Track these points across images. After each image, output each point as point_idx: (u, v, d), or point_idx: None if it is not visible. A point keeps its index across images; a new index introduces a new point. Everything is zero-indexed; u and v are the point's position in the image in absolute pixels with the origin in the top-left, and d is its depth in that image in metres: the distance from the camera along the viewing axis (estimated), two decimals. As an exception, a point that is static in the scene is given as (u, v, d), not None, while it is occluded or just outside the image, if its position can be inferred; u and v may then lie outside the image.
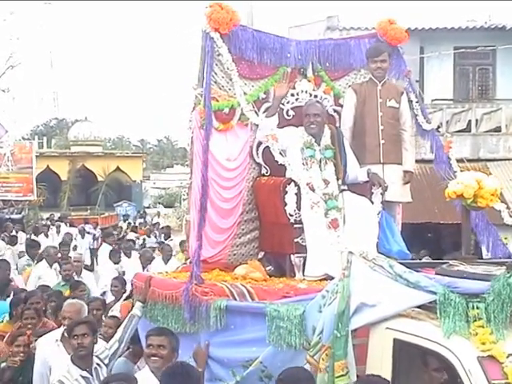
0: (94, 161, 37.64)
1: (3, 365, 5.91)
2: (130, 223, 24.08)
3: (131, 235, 20.34)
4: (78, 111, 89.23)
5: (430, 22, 18.42)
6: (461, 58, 18.85)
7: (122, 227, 24.00)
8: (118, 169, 38.41)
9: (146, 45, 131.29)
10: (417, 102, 6.40)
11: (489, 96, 19.35)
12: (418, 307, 4.03)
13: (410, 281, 3.97)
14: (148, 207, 42.14)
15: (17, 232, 18.65)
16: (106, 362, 5.17)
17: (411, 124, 6.35)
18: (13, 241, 15.30)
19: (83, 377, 4.92)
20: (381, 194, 5.87)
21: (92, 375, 4.97)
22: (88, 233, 20.39)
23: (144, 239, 19.71)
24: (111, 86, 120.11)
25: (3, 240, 16.05)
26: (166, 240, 17.96)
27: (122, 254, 11.97)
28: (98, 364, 5.07)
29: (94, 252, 17.03)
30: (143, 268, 11.26)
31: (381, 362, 4.04)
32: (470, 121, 17.15)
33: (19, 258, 13.15)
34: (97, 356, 5.12)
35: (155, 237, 20.41)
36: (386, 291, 4.05)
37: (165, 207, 42.10)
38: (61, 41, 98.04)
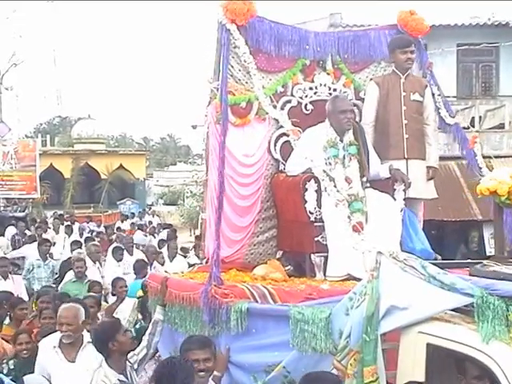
0: (98, 159, 37.45)
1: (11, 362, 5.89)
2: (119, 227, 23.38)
3: (138, 233, 20.14)
4: (81, 109, 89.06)
5: (433, 18, 18.20)
6: (464, 55, 18.73)
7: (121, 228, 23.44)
8: (121, 167, 38.26)
9: (149, 42, 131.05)
10: (439, 95, 6.19)
11: (492, 93, 19.23)
12: (452, 310, 3.82)
13: (444, 283, 3.74)
14: (151, 205, 42.01)
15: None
16: (136, 367, 5.06)
17: (434, 118, 6.14)
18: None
19: (121, 381, 4.79)
20: (403, 190, 5.66)
21: (128, 378, 4.86)
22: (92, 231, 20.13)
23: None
24: (114, 83, 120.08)
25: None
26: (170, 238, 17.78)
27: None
28: (130, 367, 4.97)
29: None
30: (150, 265, 11.12)
31: (413, 368, 3.82)
32: (473, 118, 16.99)
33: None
34: (128, 360, 5.02)
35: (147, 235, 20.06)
36: (418, 293, 3.84)
37: (167, 205, 41.94)
38: (64, 38, 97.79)
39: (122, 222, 26.19)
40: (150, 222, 26.85)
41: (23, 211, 25.74)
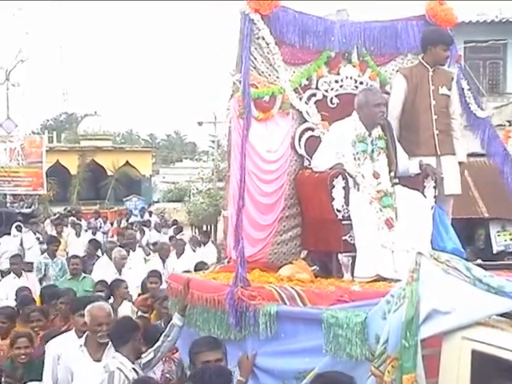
0: (104, 155, 37.32)
1: None
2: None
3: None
4: (88, 105, 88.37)
5: (440, 15, 18.03)
6: (471, 52, 18.53)
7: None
8: (127, 163, 38.11)
9: (155, 39, 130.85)
10: (469, 90, 5.95)
11: (499, 90, 19.04)
12: (498, 315, 3.60)
13: (491, 286, 3.52)
14: (157, 201, 41.87)
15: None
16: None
17: (461, 112, 5.90)
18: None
19: (134, 369, 4.72)
20: (434, 187, 5.44)
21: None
22: (99, 231, 19.80)
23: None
24: (121, 80, 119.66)
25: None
26: (177, 234, 17.57)
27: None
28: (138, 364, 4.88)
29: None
30: (163, 262, 10.95)
31: (457, 376, 3.59)
32: (480, 115, 16.81)
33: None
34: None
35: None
36: (462, 297, 3.61)
37: (173, 201, 41.76)
38: (70, 35, 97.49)
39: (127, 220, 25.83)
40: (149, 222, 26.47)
41: (30, 207, 25.70)
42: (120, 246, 11.73)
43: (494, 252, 12.26)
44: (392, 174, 5.39)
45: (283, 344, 4.31)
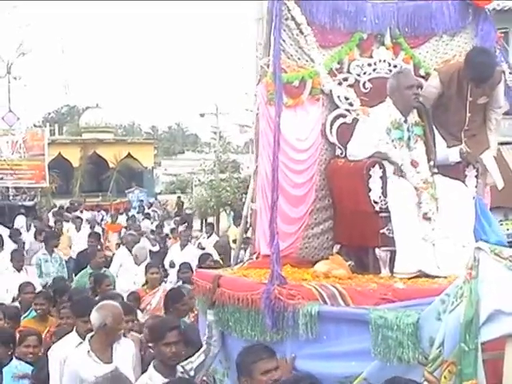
0: (106, 147, 37.16)
1: None
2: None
3: (145, 222, 19.71)
4: (90, 98, 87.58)
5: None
6: (472, 41, 18.24)
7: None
8: (129, 155, 37.88)
9: (156, 30, 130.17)
10: (510, 73, 5.60)
11: (500, 79, 18.77)
12: None
13: None
14: (159, 193, 41.71)
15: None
16: (192, 374, 4.57)
17: (501, 105, 5.55)
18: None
19: None
20: (475, 176, 5.12)
21: None
22: (99, 224, 19.46)
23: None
24: (122, 72, 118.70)
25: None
26: (179, 226, 17.32)
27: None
28: (181, 373, 4.49)
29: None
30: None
31: (523, 383, 3.29)
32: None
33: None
34: (181, 366, 4.54)
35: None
36: (529, 296, 3.31)
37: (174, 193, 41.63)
38: (72, 27, 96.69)
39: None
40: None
41: (32, 200, 25.56)
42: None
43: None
44: (431, 162, 5.06)
45: (325, 346, 3.99)
